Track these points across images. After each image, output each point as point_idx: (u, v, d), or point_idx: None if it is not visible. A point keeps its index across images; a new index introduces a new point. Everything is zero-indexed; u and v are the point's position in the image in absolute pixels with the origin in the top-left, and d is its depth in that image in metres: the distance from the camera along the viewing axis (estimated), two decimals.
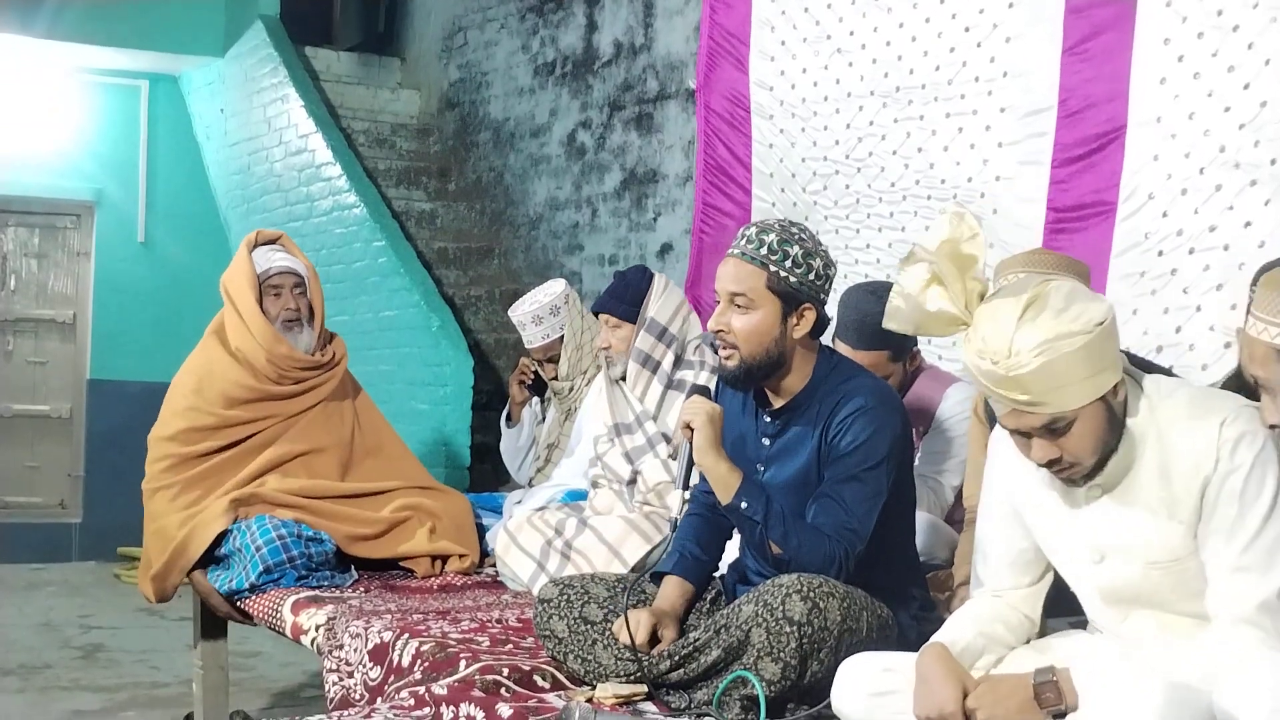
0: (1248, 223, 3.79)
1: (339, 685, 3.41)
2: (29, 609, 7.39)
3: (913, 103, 4.81)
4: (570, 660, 2.95)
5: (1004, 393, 2.27)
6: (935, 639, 2.49)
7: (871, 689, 2.48)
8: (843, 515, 2.79)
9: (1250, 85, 3.79)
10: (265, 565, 4.02)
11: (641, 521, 3.87)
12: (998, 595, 2.60)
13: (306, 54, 9.08)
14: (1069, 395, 2.25)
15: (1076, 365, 2.23)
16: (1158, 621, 2.40)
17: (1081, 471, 2.35)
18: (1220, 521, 2.28)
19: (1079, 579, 2.50)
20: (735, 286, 2.88)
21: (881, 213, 4.94)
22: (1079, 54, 4.26)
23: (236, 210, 9.13)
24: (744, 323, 2.87)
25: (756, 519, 2.79)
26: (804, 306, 2.88)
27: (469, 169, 8.62)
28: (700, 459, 2.86)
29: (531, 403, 5.24)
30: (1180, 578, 2.35)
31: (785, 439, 2.96)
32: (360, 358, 5.28)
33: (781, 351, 2.89)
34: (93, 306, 9.47)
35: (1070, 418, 2.27)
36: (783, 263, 2.85)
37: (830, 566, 2.76)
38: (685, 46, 6.45)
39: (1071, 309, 2.25)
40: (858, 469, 2.82)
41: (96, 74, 9.32)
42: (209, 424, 4.37)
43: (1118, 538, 2.38)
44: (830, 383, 2.92)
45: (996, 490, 2.61)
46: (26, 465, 9.37)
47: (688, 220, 6.13)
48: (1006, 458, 2.55)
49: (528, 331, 5.02)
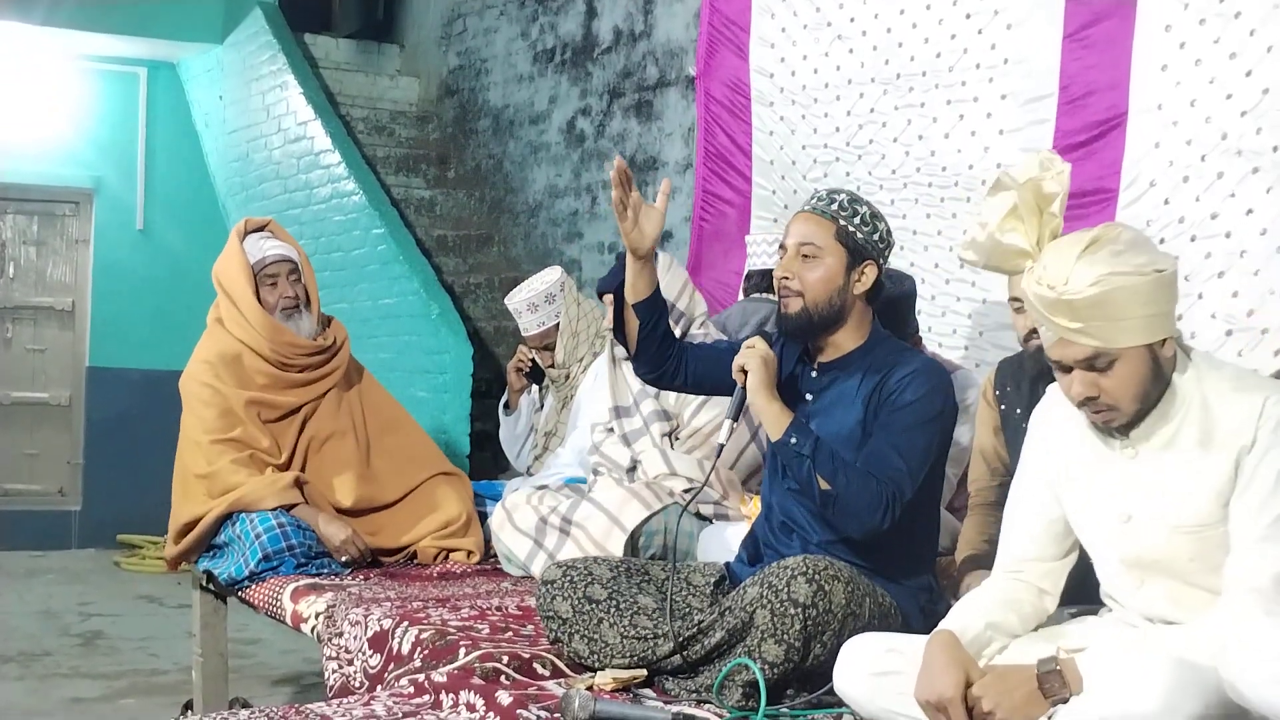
0: (1249, 210, 3.79)
1: (339, 673, 3.41)
2: (29, 596, 7.39)
3: (914, 89, 4.80)
4: (575, 640, 2.94)
5: (1055, 318, 2.32)
6: (945, 625, 2.49)
7: (874, 669, 2.49)
8: (895, 460, 2.83)
9: (1252, 72, 3.78)
10: (265, 553, 4.01)
11: (641, 490, 3.85)
12: (1018, 572, 2.60)
13: (305, 41, 9.06)
14: (1116, 332, 2.30)
15: (1128, 304, 2.28)
16: (1171, 593, 2.42)
17: (1118, 418, 2.39)
18: (1254, 495, 2.31)
19: (1102, 542, 2.51)
20: (804, 237, 2.98)
21: (883, 200, 4.92)
22: (1080, 40, 4.25)
23: (235, 198, 9.12)
24: (810, 270, 2.96)
25: (805, 454, 2.83)
26: (867, 263, 2.98)
27: (468, 156, 8.61)
28: (753, 399, 2.93)
29: (529, 390, 5.24)
30: (1202, 546, 2.37)
31: (830, 394, 3.00)
32: (360, 345, 5.27)
33: (843, 304, 2.97)
34: (91, 294, 9.47)
35: (1114, 355, 2.32)
36: (852, 218, 2.97)
37: (878, 507, 2.79)
38: (685, 33, 6.44)
39: (1131, 252, 2.32)
40: (914, 422, 2.87)
41: (95, 61, 9.31)
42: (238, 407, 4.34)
43: (1148, 499, 2.41)
44: (886, 346, 3.02)
45: (1033, 461, 2.63)
46: (26, 453, 9.37)
47: (688, 208, 6.12)
48: (1050, 422, 2.59)
49: (523, 319, 5.02)
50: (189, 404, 4.41)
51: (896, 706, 2.45)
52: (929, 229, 4.74)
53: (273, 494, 4.15)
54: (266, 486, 4.17)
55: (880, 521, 2.80)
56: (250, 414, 4.34)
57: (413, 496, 4.43)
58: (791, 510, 3.02)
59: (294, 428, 4.42)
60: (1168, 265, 2.34)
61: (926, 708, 2.36)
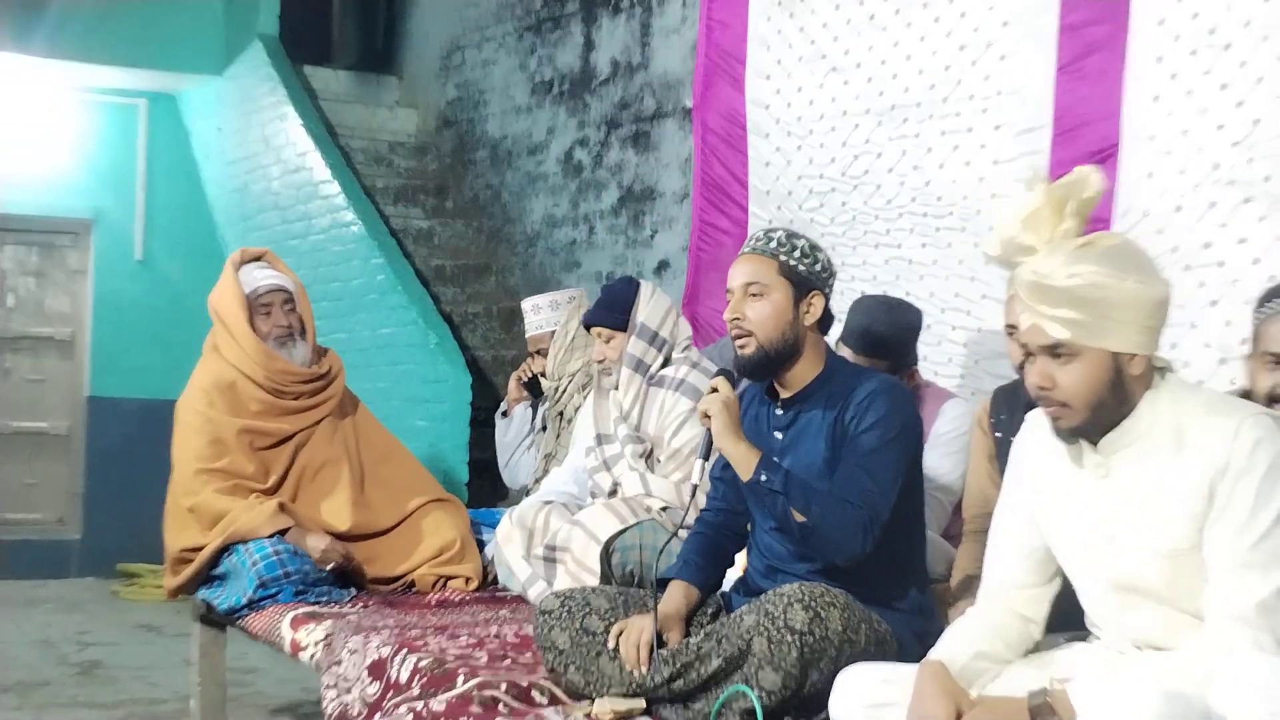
0: (1242, 239, 3.81)
1: (337, 701, 3.41)
2: (27, 625, 7.38)
3: (908, 121, 4.83)
4: (571, 672, 2.95)
5: (1032, 301, 2.37)
6: (934, 655, 2.49)
7: (870, 700, 2.49)
8: (866, 482, 2.85)
9: (1243, 103, 3.81)
10: (261, 580, 4.03)
11: (618, 506, 3.89)
12: (1001, 599, 2.61)
13: (305, 73, 9.10)
14: (1083, 330, 2.34)
15: (1100, 305, 2.33)
16: (1157, 617, 2.42)
17: (1068, 419, 2.40)
18: (1230, 519, 2.30)
19: (1084, 568, 2.52)
20: (749, 277, 3.01)
21: (878, 230, 4.95)
22: (1073, 72, 4.28)
23: (234, 228, 9.15)
24: (758, 309, 2.99)
25: (778, 489, 2.85)
26: (813, 294, 3.02)
27: (466, 187, 8.65)
28: (719, 443, 2.95)
29: (526, 401, 5.31)
30: (1177, 572, 2.36)
31: (796, 428, 3.03)
32: (358, 375, 5.30)
33: (795, 337, 3.00)
34: (91, 324, 9.48)
35: (1075, 351, 2.35)
36: (792, 252, 3.01)
37: (856, 531, 2.81)
38: (682, 65, 6.48)
39: (1121, 260, 2.37)
40: (879, 443, 2.89)
41: (95, 93, 9.34)
42: (228, 436, 4.36)
43: (1125, 521, 2.41)
44: (844, 373, 3.05)
45: (1014, 490, 2.65)
46: (25, 482, 9.37)
47: (685, 237, 6.14)
48: (1028, 453, 2.61)
49: (528, 319, 5.18)
50: (180, 430, 4.45)
51: None
52: (924, 258, 4.76)
53: (264, 521, 4.18)
54: (257, 515, 4.19)
55: (861, 545, 2.82)
56: (241, 442, 4.37)
57: (407, 523, 4.45)
58: (776, 550, 3.04)
59: (286, 455, 4.45)
60: (1152, 284, 2.37)
61: None
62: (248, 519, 4.18)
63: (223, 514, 4.22)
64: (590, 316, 4.24)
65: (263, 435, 4.41)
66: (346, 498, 4.40)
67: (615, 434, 4.12)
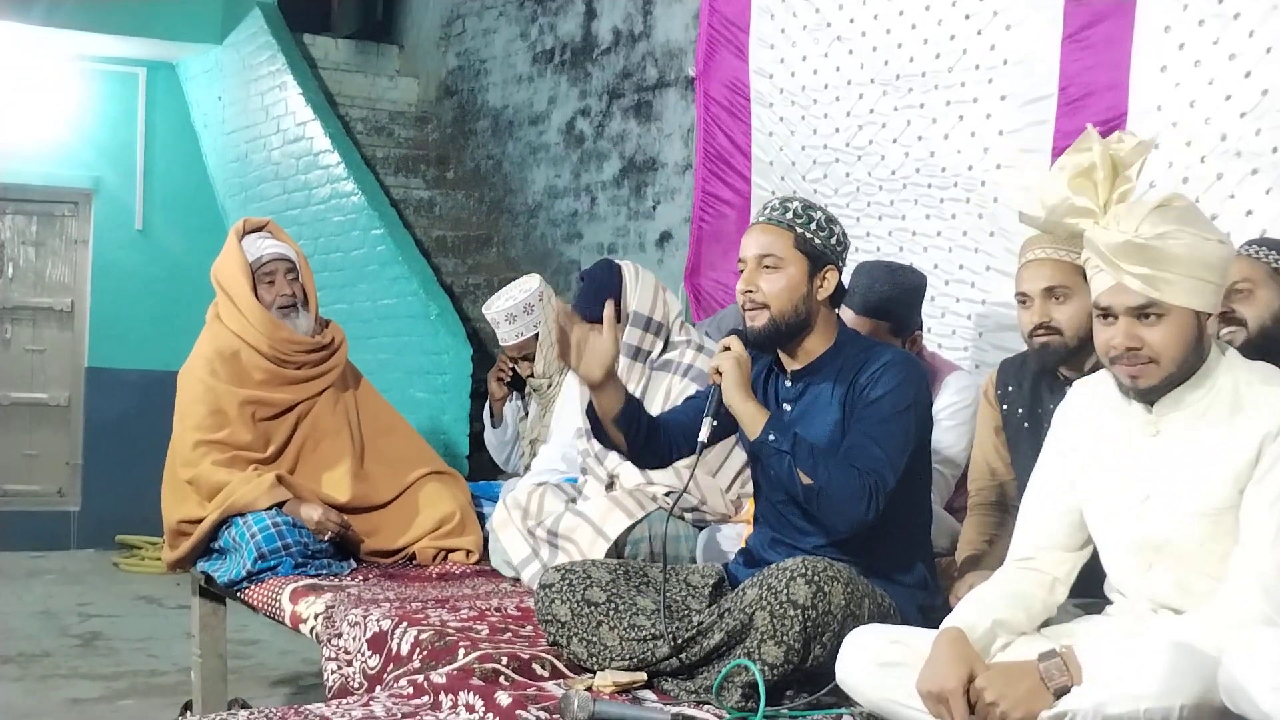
0: (1249, 211, 3.79)
1: (338, 674, 3.41)
2: (28, 597, 7.39)
3: (913, 90, 4.80)
4: (574, 644, 2.94)
5: (1119, 261, 2.38)
6: (953, 621, 2.50)
7: (879, 659, 2.50)
8: (874, 450, 2.84)
9: (1251, 73, 3.78)
10: (260, 552, 4.01)
11: (624, 499, 3.85)
12: (1030, 561, 2.62)
13: (304, 41, 9.06)
14: (1173, 287, 2.36)
15: (1189, 262, 2.35)
16: (1178, 579, 2.44)
17: (1153, 376, 2.42)
18: (1271, 485, 2.35)
19: (1116, 525, 2.53)
20: (764, 249, 2.97)
21: (882, 200, 4.93)
22: (1079, 41, 4.25)
23: (234, 198, 9.12)
24: (773, 281, 2.96)
25: (784, 449, 2.83)
26: (828, 268, 2.99)
27: (467, 157, 8.61)
28: (729, 400, 2.93)
29: (512, 398, 5.23)
30: (1214, 531, 2.40)
31: (805, 400, 3.01)
32: (359, 346, 5.27)
33: (808, 311, 2.98)
34: (90, 294, 9.47)
35: (1164, 310, 2.37)
36: (808, 225, 2.97)
37: (861, 497, 2.79)
38: (684, 34, 6.44)
39: (1199, 218, 2.42)
40: (890, 413, 2.88)
41: (94, 61, 9.30)
42: (229, 406, 4.35)
43: (1167, 480, 2.44)
44: (855, 345, 3.03)
45: (1054, 454, 2.67)
46: (25, 453, 9.37)
47: (687, 208, 6.12)
48: (1070, 420, 2.64)
49: (501, 329, 5.01)
50: (182, 398, 4.44)
51: (899, 697, 2.46)
52: (928, 230, 4.74)
53: (263, 494, 4.16)
54: (255, 488, 4.17)
55: (865, 512, 2.80)
56: (243, 413, 4.35)
57: (406, 495, 4.44)
58: (780, 522, 3.03)
59: (288, 425, 4.43)
60: (1227, 244, 2.43)
61: (927, 699, 2.37)
62: (245, 491, 4.17)
63: (221, 486, 4.21)
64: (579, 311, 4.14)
65: (265, 405, 4.40)
66: (346, 470, 4.39)
67: None
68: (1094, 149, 2.50)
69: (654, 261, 6.50)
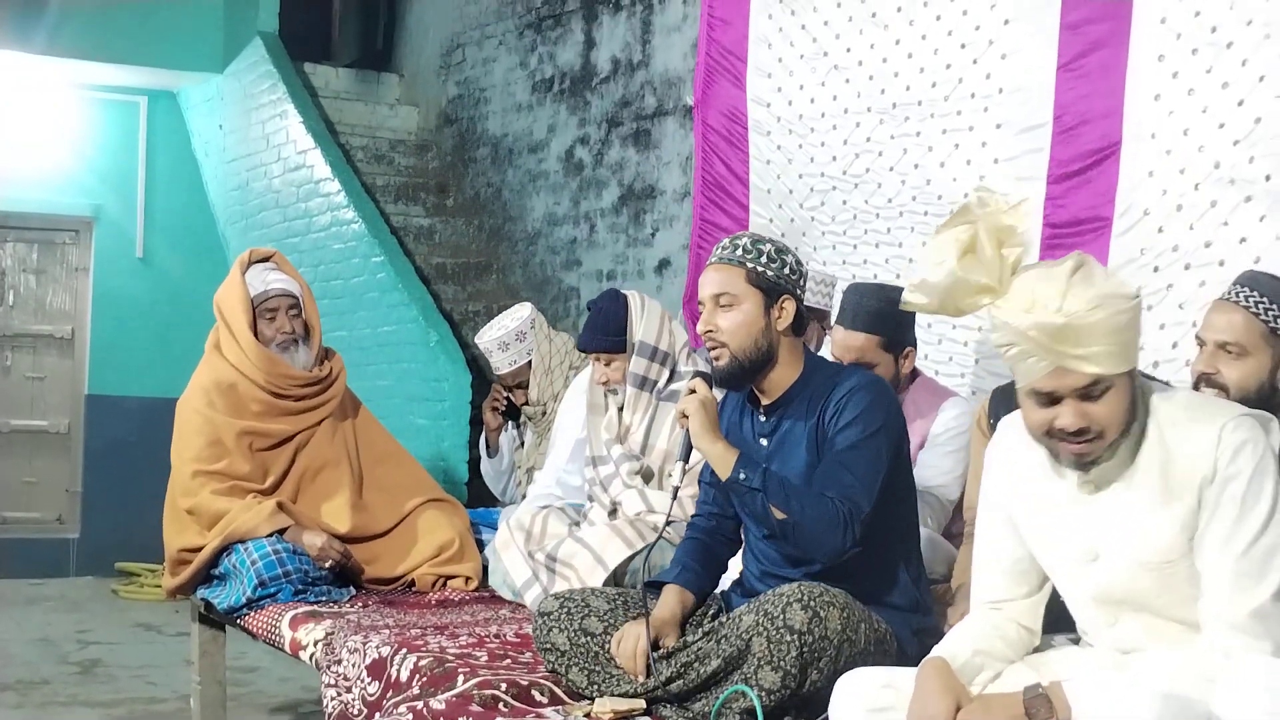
0: (1243, 239, 3.81)
1: (337, 700, 3.41)
2: (27, 624, 7.38)
3: (909, 119, 4.83)
4: (572, 672, 2.95)
5: (1059, 345, 2.25)
6: (935, 653, 2.49)
7: (871, 704, 2.47)
8: (845, 476, 2.83)
9: (1244, 101, 3.81)
10: (260, 579, 4.03)
11: (624, 528, 3.86)
12: (996, 608, 2.59)
13: (305, 70, 9.10)
14: (1113, 357, 2.26)
15: (1117, 330, 2.25)
16: (1146, 627, 2.41)
17: (1101, 447, 2.33)
18: (1218, 526, 2.28)
19: (1071, 581, 2.50)
20: (718, 288, 3.01)
21: (879, 229, 4.95)
22: (1074, 70, 4.28)
23: (235, 226, 9.15)
24: (729, 319, 2.98)
25: (755, 486, 2.84)
26: (784, 298, 3.00)
27: (467, 185, 8.64)
28: (697, 443, 2.95)
29: (507, 428, 5.24)
30: (1169, 581, 2.35)
31: (780, 434, 3.01)
32: (358, 373, 5.29)
33: (769, 344, 2.98)
34: (91, 322, 9.47)
35: (1110, 382, 2.28)
36: (758, 259, 2.99)
37: (836, 525, 2.79)
38: (683, 63, 6.48)
39: (1113, 279, 2.30)
40: (859, 438, 2.87)
41: (95, 90, 9.34)
42: (227, 437, 4.36)
43: (1111, 535, 2.39)
44: (822, 373, 3.03)
45: (992, 500, 2.62)
46: (24, 480, 9.36)
47: (686, 235, 6.14)
48: (1003, 464, 2.57)
49: (494, 358, 5.03)
50: (180, 429, 4.45)
51: None
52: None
53: (263, 521, 4.18)
54: (256, 515, 4.19)
55: (842, 541, 2.79)
56: (241, 444, 4.36)
57: (405, 523, 4.45)
58: (770, 555, 3.03)
59: (286, 455, 4.44)
60: (1137, 292, 2.33)
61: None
62: (246, 518, 4.18)
63: (221, 514, 4.22)
64: (586, 343, 4.14)
65: (263, 436, 4.41)
66: (345, 500, 4.40)
67: (609, 455, 4.09)
68: (975, 221, 2.36)
69: (653, 288, 6.53)
